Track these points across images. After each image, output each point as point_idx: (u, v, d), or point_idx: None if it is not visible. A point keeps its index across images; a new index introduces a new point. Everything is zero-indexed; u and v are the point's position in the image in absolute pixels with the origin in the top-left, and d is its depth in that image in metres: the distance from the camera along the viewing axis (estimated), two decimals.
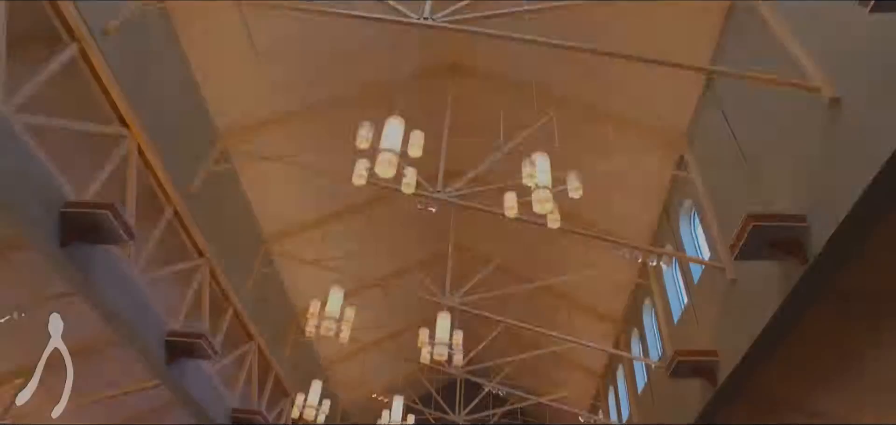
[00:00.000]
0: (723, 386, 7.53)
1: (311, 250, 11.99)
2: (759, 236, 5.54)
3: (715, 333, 7.91)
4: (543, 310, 14.16)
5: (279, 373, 12.49)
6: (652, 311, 11.52)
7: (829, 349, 7.36)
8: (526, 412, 18.70)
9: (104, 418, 12.34)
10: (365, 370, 16.36)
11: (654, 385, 11.06)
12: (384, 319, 14.57)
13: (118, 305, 6.93)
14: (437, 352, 8.94)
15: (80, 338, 9.92)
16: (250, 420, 10.68)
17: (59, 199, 5.92)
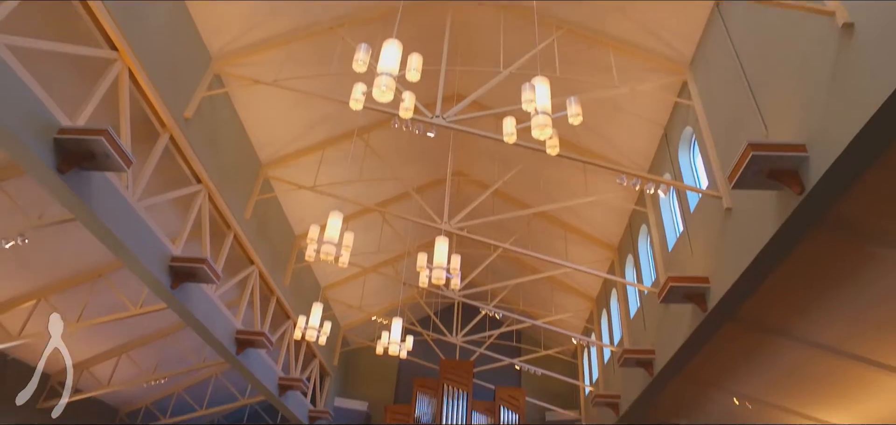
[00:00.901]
0: (712, 312, 7.76)
1: (310, 176, 11.98)
2: (758, 165, 5.54)
3: (708, 261, 8.06)
4: (540, 236, 14.36)
5: (280, 297, 12.82)
6: (647, 238, 11.68)
7: (818, 278, 7.55)
8: (521, 334, 19.36)
9: (116, 339, 12.82)
10: (364, 293, 16.77)
11: (647, 309, 11.39)
12: (383, 244, 14.77)
13: (119, 231, 6.99)
14: (436, 276, 9.11)
15: (85, 264, 10.16)
16: (254, 341, 11.07)
17: (52, 126, 5.85)
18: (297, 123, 11.51)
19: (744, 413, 11.99)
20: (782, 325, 8.89)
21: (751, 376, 10.79)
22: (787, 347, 9.25)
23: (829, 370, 9.25)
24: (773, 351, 9.64)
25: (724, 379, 11.34)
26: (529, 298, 17.31)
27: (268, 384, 12.69)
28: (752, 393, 11.38)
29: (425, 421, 17.30)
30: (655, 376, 10.29)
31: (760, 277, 6.86)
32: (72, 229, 8.29)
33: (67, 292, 10.42)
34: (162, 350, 13.51)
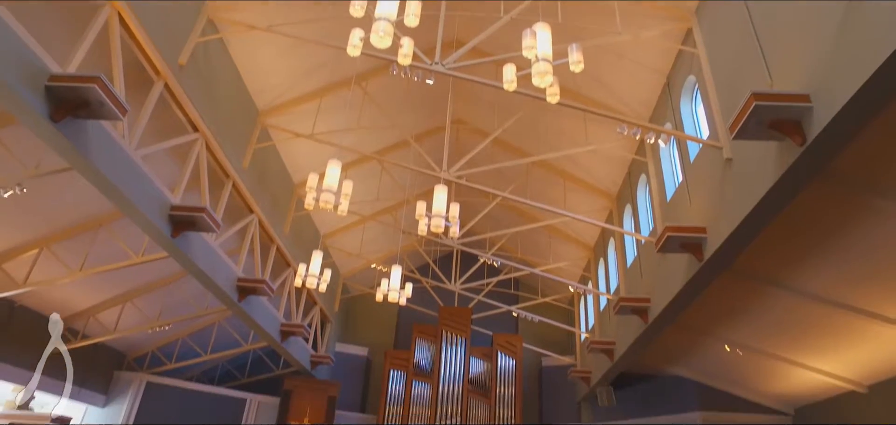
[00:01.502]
0: (708, 262, 7.84)
1: (307, 124, 11.87)
2: (760, 115, 5.48)
3: (705, 211, 8.09)
4: (539, 185, 14.36)
5: (280, 245, 12.92)
6: (646, 188, 11.68)
7: (814, 230, 7.61)
8: (519, 282, 19.63)
9: (119, 287, 12.99)
10: (364, 242, 16.90)
11: (643, 259, 11.51)
12: (382, 192, 14.79)
13: (117, 180, 6.97)
14: (435, 225, 9.16)
15: (86, 213, 10.18)
16: (255, 288, 11.23)
17: (43, 73, 5.75)
18: (294, 70, 11.31)
19: (735, 359, 12.31)
20: (776, 275, 9.02)
21: (743, 324, 11.02)
22: (780, 296, 9.41)
23: (820, 318, 9.44)
24: (765, 301, 9.81)
25: (717, 328, 11.59)
26: (527, 246, 17.46)
27: (270, 330, 12.96)
28: (743, 341, 11.65)
29: (424, 367, 17.76)
30: (650, 324, 10.49)
31: (757, 228, 6.91)
32: (70, 178, 8.26)
33: (69, 241, 10.48)
34: (165, 297, 13.71)
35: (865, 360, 10.29)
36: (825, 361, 11.08)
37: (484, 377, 17.57)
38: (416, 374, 17.54)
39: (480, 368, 17.74)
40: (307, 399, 16.18)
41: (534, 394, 18.68)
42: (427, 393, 17.27)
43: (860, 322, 8.91)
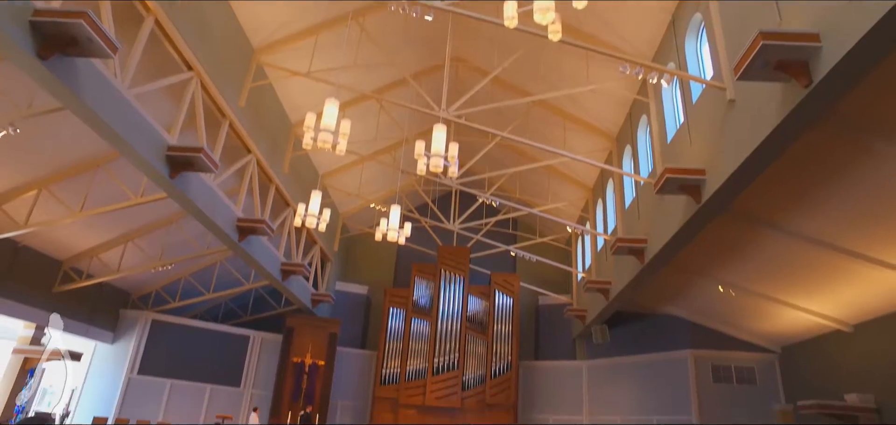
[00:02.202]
0: (706, 203, 7.88)
1: (304, 62, 11.62)
2: (767, 55, 5.37)
3: (706, 153, 8.06)
4: (539, 124, 14.22)
5: (279, 186, 12.91)
6: (647, 129, 11.58)
7: (813, 173, 7.60)
8: (517, 222, 19.76)
9: (121, 228, 13.05)
10: (363, 181, 16.88)
11: (642, 200, 11.55)
12: (380, 132, 14.65)
13: (111, 120, 6.88)
14: (433, 164, 9.12)
15: (83, 154, 10.10)
16: (255, 228, 11.30)
17: (27, 7, 5.57)
18: (289, 6, 10.96)
19: (726, 299, 12.57)
20: (772, 217, 9.09)
21: (737, 265, 11.19)
22: (775, 238, 9.51)
23: (812, 260, 9.58)
24: (760, 242, 9.92)
25: (712, 268, 11.77)
26: (526, 187, 17.48)
27: (271, 269, 13.14)
28: (736, 282, 11.86)
29: (423, 304, 18.13)
30: (646, 264, 10.64)
31: (756, 171, 6.90)
32: (65, 119, 8.15)
33: (67, 182, 10.45)
34: (166, 237, 13.82)
35: (853, 300, 10.52)
36: (814, 301, 11.32)
37: (482, 315, 17.97)
38: (415, 312, 17.92)
39: (478, 306, 18.11)
40: (309, 336, 16.59)
41: (530, 332, 19.16)
42: (426, 330, 17.70)
43: (851, 263, 9.04)
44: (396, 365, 17.32)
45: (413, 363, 17.25)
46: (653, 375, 15.71)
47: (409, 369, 17.16)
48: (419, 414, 16.82)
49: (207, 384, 16.13)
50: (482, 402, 16.84)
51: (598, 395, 16.94)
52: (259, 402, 15.97)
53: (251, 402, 16.13)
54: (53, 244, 12.68)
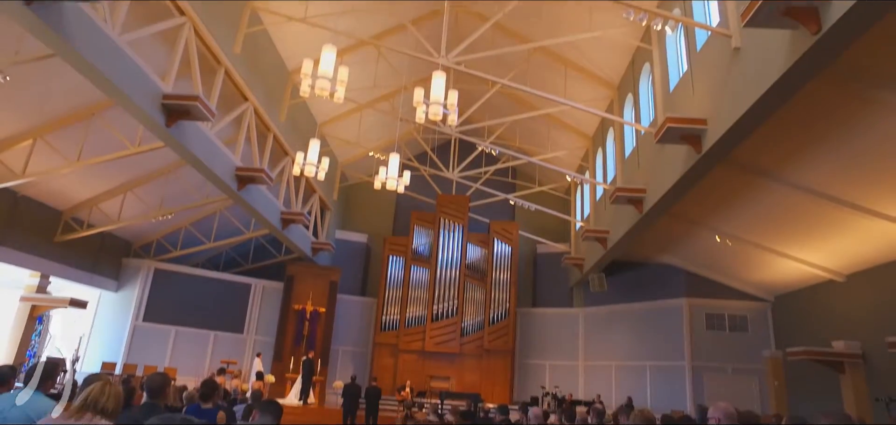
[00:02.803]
0: (707, 153, 7.83)
1: (299, 6, 11.29)
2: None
3: (708, 102, 7.95)
4: (539, 72, 13.97)
5: (277, 134, 12.79)
6: (649, 77, 11.39)
7: (815, 124, 7.53)
8: (516, 170, 19.70)
9: (119, 177, 12.99)
10: (361, 130, 16.72)
11: (642, 149, 11.48)
12: (379, 79, 14.40)
13: (103, 67, 6.73)
14: (433, 112, 9.03)
15: (77, 102, 9.93)
16: (253, 177, 11.26)
17: None
18: None
19: (722, 249, 12.69)
20: (772, 168, 9.07)
21: (735, 215, 11.24)
22: (773, 189, 9.52)
23: (810, 211, 9.62)
24: (759, 193, 9.93)
25: (709, 218, 11.84)
26: (526, 135, 17.34)
27: (270, 218, 13.17)
28: (733, 232, 11.95)
29: (422, 252, 18.29)
30: (644, 214, 10.67)
31: (759, 120, 6.82)
32: (56, 66, 7.97)
33: (63, 131, 10.32)
34: (165, 187, 13.77)
35: (847, 251, 10.63)
36: (809, 251, 11.44)
37: (480, 263, 18.16)
38: (414, 260, 18.11)
39: (477, 254, 18.29)
40: (309, 283, 16.81)
41: (528, 280, 19.42)
42: (425, 277, 17.92)
43: (847, 214, 9.09)
44: (396, 312, 17.63)
45: (412, 310, 17.55)
46: (648, 322, 16.04)
47: (408, 316, 17.48)
48: (419, 359, 17.25)
49: (211, 331, 16.45)
50: (480, 348, 17.24)
51: (593, 341, 17.34)
52: (262, 348, 16.33)
53: (254, 348, 16.49)
54: (53, 194, 12.65)
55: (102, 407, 2.56)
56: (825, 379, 11.53)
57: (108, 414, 2.57)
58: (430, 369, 17.18)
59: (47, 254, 13.04)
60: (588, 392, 16.17)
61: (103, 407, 2.56)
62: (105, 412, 2.56)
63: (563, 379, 16.78)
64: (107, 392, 2.61)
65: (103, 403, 2.56)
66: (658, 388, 15.20)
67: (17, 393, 3.30)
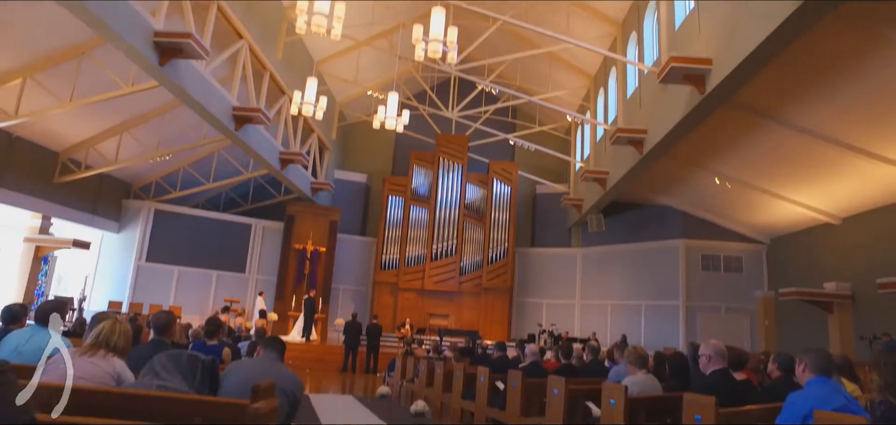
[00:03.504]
0: (710, 94, 7.73)
1: None
2: None
3: (713, 42, 7.77)
4: (541, 8, 13.57)
5: (273, 73, 12.56)
6: (654, 15, 11.08)
7: (822, 65, 7.39)
8: (516, 110, 19.48)
9: (114, 118, 12.84)
10: (359, 68, 16.41)
11: (644, 90, 11.31)
12: (377, 15, 14.00)
13: (90, 2, 6.52)
14: (432, 50, 8.86)
15: (65, 40, 9.68)
16: (251, 117, 11.14)
17: None
18: None
19: (720, 191, 12.72)
20: (774, 109, 8.97)
21: (735, 157, 11.21)
22: (775, 131, 9.45)
23: (811, 153, 9.59)
24: (760, 135, 9.87)
25: (709, 160, 11.81)
26: (527, 74, 17.03)
27: (269, 158, 13.12)
28: (732, 174, 11.94)
29: (422, 192, 18.32)
30: (644, 155, 10.63)
31: (765, 60, 6.70)
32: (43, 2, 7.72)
33: (53, 70, 10.11)
34: (161, 127, 13.63)
35: (845, 194, 10.67)
36: (807, 194, 11.48)
37: (480, 203, 18.24)
38: (413, 199, 18.17)
39: (476, 194, 18.34)
40: (310, 223, 16.93)
41: (527, 220, 19.55)
42: (425, 217, 18.04)
43: (849, 157, 9.06)
44: (396, 252, 17.85)
45: (412, 249, 17.76)
46: (644, 263, 16.28)
47: (408, 255, 17.70)
48: (418, 297, 17.59)
49: (214, 270, 16.68)
50: (479, 286, 17.55)
51: (590, 281, 17.65)
52: (264, 287, 16.61)
53: (256, 287, 16.77)
54: (48, 135, 12.54)
55: (115, 345, 2.64)
56: (814, 319, 11.83)
57: (119, 350, 2.66)
58: (429, 307, 17.55)
59: (47, 195, 13.05)
60: (584, 330, 16.59)
61: (115, 344, 2.64)
62: (117, 349, 2.65)
63: (560, 317, 17.18)
64: (117, 329, 2.68)
65: (115, 341, 2.65)
66: (652, 327, 15.59)
67: (30, 329, 3.39)
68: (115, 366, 2.61)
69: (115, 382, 2.58)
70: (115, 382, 2.58)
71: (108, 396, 2.31)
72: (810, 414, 2.57)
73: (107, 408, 2.08)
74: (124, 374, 2.65)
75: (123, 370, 2.66)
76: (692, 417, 3.25)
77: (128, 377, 2.66)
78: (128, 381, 2.64)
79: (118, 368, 2.63)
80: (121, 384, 2.60)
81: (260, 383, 2.28)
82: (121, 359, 2.68)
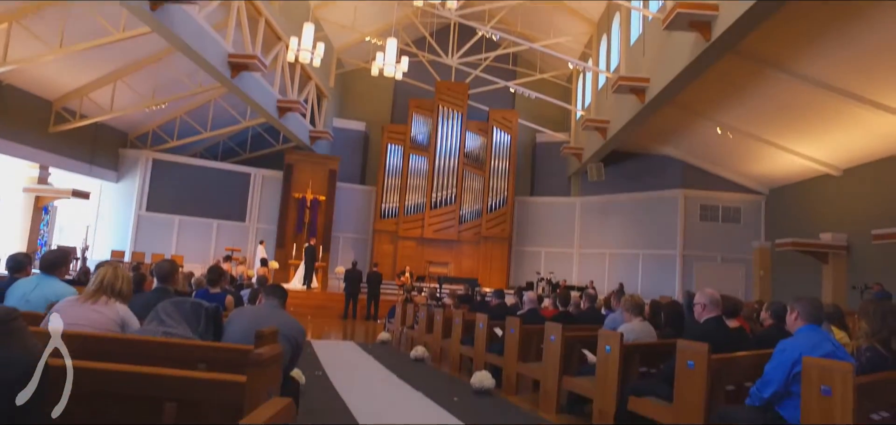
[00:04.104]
0: (716, 42, 7.58)
1: None
2: None
3: None
4: None
5: (269, 19, 12.26)
6: None
7: (831, 13, 7.21)
8: (517, 57, 19.13)
9: (107, 66, 12.60)
10: (357, 14, 16.02)
11: (648, 37, 11.07)
12: None
13: None
14: None
15: None
16: (247, 64, 10.95)
17: None
18: None
19: (721, 141, 12.64)
20: (779, 58, 8.82)
21: (738, 107, 11.08)
22: (780, 80, 9.32)
23: (814, 103, 9.48)
24: (763, 84, 9.73)
25: (712, 110, 11.68)
26: (528, 20, 16.65)
27: (266, 106, 12.97)
28: (734, 124, 11.84)
29: (421, 141, 18.20)
30: (647, 104, 10.51)
31: (773, 7, 6.53)
32: None
33: (40, 15, 9.83)
34: (156, 75, 13.39)
35: (847, 144, 10.61)
36: (808, 145, 11.42)
37: (479, 151, 18.15)
38: (413, 148, 18.07)
39: (476, 142, 18.22)
40: (309, 172, 16.89)
41: (527, 168, 19.51)
42: (424, 166, 17.98)
43: (852, 107, 8.97)
44: (395, 200, 17.89)
45: (411, 198, 17.79)
46: (643, 212, 16.35)
47: (407, 204, 17.75)
48: (418, 245, 17.74)
49: (214, 220, 16.76)
50: (478, 234, 17.68)
51: (589, 230, 17.76)
52: (264, 236, 16.72)
53: (257, 236, 16.88)
54: (39, 83, 12.33)
55: (118, 290, 2.69)
56: (809, 270, 11.98)
57: (122, 295, 2.71)
58: (428, 255, 17.72)
59: (43, 145, 12.95)
60: (582, 278, 16.81)
61: (119, 289, 2.69)
62: (120, 294, 2.69)
63: (558, 265, 17.38)
64: (119, 275, 2.73)
65: (118, 286, 2.69)
66: (649, 275, 15.80)
67: (36, 278, 3.43)
68: (118, 312, 2.66)
69: (119, 328, 2.64)
70: (119, 328, 2.64)
71: (116, 342, 2.37)
72: (799, 361, 2.64)
73: (115, 354, 2.14)
74: (129, 320, 2.71)
75: (127, 315, 2.72)
76: (685, 363, 3.34)
77: (133, 323, 2.72)
78: (133, 327, 2.70)
79: (122, 314, 2.68)
80: (126, 330, 2.66)
81: (263, 329, 2.33)
82: (123, 305, 2.74)
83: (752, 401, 2.90)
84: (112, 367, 1.76)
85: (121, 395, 1.68)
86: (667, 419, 3.48)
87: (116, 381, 1.71)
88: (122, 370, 1.76)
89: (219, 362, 2.15)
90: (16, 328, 1.33)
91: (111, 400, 1.67)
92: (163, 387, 1.67)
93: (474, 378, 5.51)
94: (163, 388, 1.66)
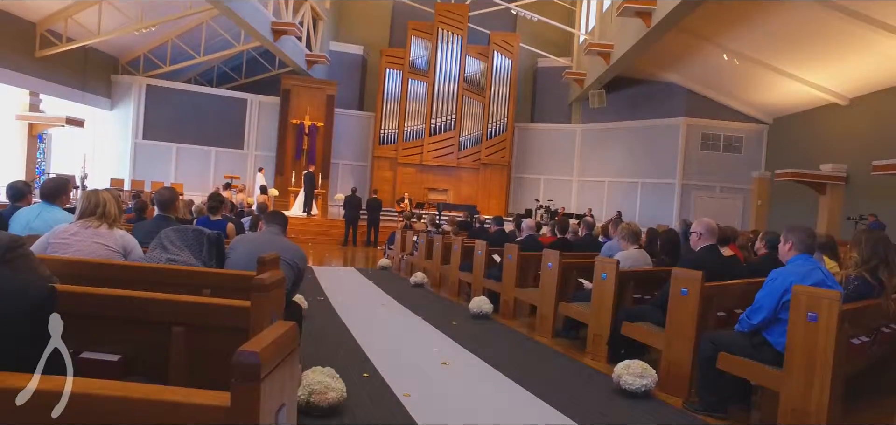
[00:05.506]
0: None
1: None
2: None
3: None
4: None
5: None
6: None
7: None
8: None
9: None
10: None
11: None
12: None
13: None
14: None
15: None
16: None
17: None
18: None
19: (726, 68, 12.37)
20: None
21: (745, 32, 10.78)
22: (791, 3, 9.02)
23: (823, 27, 9.24)
24: (775, 7, 9.41)
25: (719, 35, 11.36)
26: None
27: (260, 29, 12.59)
28: (742, 50, 11.54)
29: (420, 65, 17.80)
30: (653, 27, 10.19)
31: None
32: None
33: None
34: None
35: (855, 72, 10.40)
36: (816, 72, 11.18)
37: (479, 76, 17.79)
38: (411, 73, 17.69)
39: (476, 67, 17.83)
40: (306, 98, 16.61)
41: (527, 94, 19.19)
42: (423, 91, 17.68)
43: (864, 30, 8.73)
44: (394, 126, 17.71)
45: (410, 123, 17.61)
46: (644, 140, 16.24)
47: (406, 129, 17.59)
48: (417, 172, 17.74)
49: (212, 147, 16.65)
50: (477, 161, 17.64)
51: (589, 158, 17.71)
52: (263, 163, 16.66)
53: (255, 163, 16.82)
54: (18, 4, 11.87)
55: (106, 212, 2.68)
56: (807, 200, 12.03)
57: (113, 217, 2.71)
58: (428, 182, 17.75)
59: (30, 70, 12.63)
60: (581, 206, 16.93)
61: (107, 212, 2.68)
62: (109, 216, 2.69)
63: (557, 193, 17.44)
64: (101, 198, 2.70)
65: (106, 210, 2.68)
66: (647, 204, 15.90)
67: (38, 206, 3.45)
68: (117, 239, 2.68)
69: (122, 254, 2.67)
70: (122, 254, 2.67)
71: (122, 269, 2.42)
72: (789, 290, 2.71)
73: (122, 280, 2.19)
74: (130, 245, 2.74)
75: (128, 240, 2.75)
76: (679, 290, 3.42)
77: (135, 249, 2.76)
78: (136, 253, 2.74)
79: (123, 241, 2.71)
80: (129, 256, 2.70)
81: (265, 255, 2.38)
82: (122, 230, 2.76)
83: (741, 327, 3.00)
84: (121, 293, 1.81)
85: (130, 319, 1.73)
86: (658, 343, 3.61)
87: (125, 307, 1.76)
88: (131, 295, 1.81)
89: (223, 288, 2.20)
90: (23, 254, 1.35)
91: (121, 324, 1.72)
92: (171, 312, 1.72)
93: (472, 303, 5.66)
94: (171, 313, 1.72)
